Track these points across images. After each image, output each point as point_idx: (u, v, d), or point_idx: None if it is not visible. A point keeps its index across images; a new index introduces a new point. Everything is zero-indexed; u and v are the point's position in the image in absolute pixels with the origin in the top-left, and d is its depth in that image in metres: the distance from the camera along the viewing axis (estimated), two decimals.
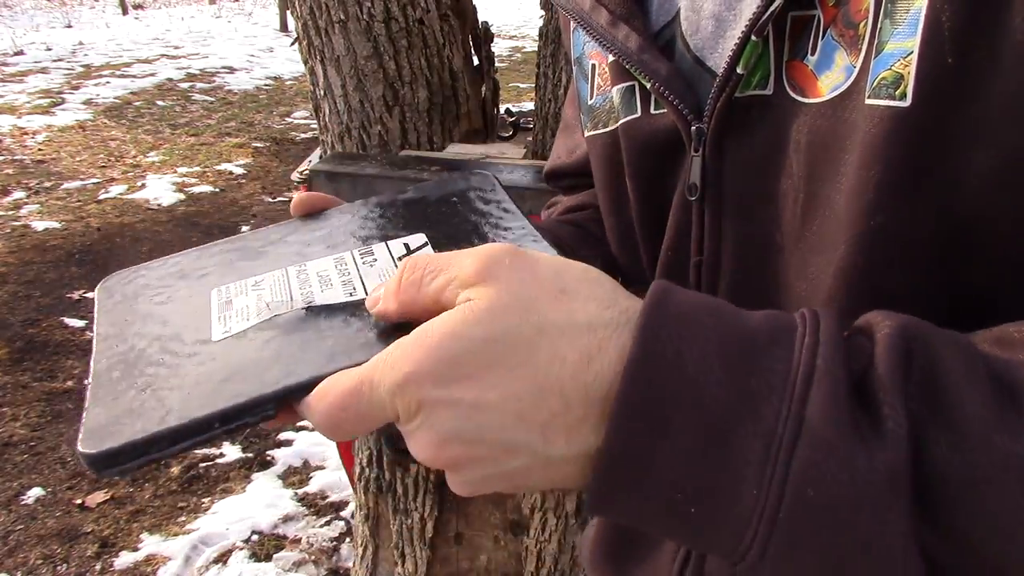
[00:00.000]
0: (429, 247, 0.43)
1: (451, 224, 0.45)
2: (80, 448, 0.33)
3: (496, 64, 1.57)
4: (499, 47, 8.18)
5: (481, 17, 1.51)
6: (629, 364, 0.29)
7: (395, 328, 0.35)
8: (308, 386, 0.34)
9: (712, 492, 0.29)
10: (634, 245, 0.55)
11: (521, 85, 7.36)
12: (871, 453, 0.28)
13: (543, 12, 1.32)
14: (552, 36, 1.30)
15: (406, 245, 0.43)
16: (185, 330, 0.40)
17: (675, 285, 0.32)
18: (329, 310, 0.38)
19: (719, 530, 0.30)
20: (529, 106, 1.90)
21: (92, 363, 0.39)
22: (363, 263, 0.42)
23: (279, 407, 0.34)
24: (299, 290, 0.41)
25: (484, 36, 1.50)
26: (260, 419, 0.34)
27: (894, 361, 0.29)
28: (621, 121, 0.51)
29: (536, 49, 1.37)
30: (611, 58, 0.50)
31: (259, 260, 0.44)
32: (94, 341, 0.41)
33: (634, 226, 0.54)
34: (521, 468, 0.32)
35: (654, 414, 0.29)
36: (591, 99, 0.55)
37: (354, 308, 0.38)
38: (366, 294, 0.39)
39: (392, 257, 0.42)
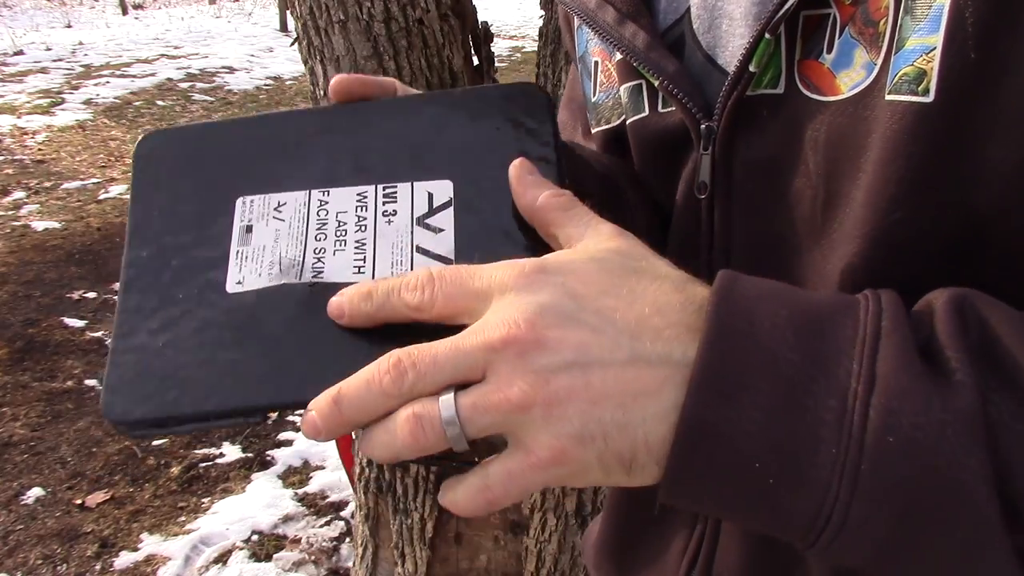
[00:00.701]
0: (451, 209, 0.41)
1: (483, 166, 0.42)
2: (104, 409, 0.37)
3: (496, 64, 1.57)
4: (499, 47, 8.18)
5: (481, 17, 1.51)
6: (704, 340, 0.30)
7: (404, 331, 0.35)
8: (300, 404, 0.35)
9: (791, 456, 0.29)
10: (656, 228, 0.55)
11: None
12: (945, 398, 0.28)
13: (543, 12, 1.32)
14: (552, 36, 1.30)
15: (429, 197, 0.42)
16: (206, 256, 0.41)
17: (740, 273, 0.34)
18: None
19: (797, 499, 0.30)
20: None
21: (124, 261, 0.42)
22: (382, 214, 0.41)
23: (271, 412, 0.37)
24: (313, 244, 0.41)
25: (484, 36, 1.50)
26: (260, 420, 0.37)
27: (954, 324, 0.31)
28: (630, 120, 0.51)
29: (536, 49, 1.37)
30: (618, 56, 0.50)
31: (289, 164, 0.44)
32: (128, 226, 0.43)
33: (655, 210, 0.54)
34: (604, 359, 0.31)
35: (730, 384, 0.30)
36: (594, 96, 0.55)
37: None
38: (373, 274, 0.39)
39: (411, 217, 0.41)
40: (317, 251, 0.41)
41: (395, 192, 0.42)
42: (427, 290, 0.34)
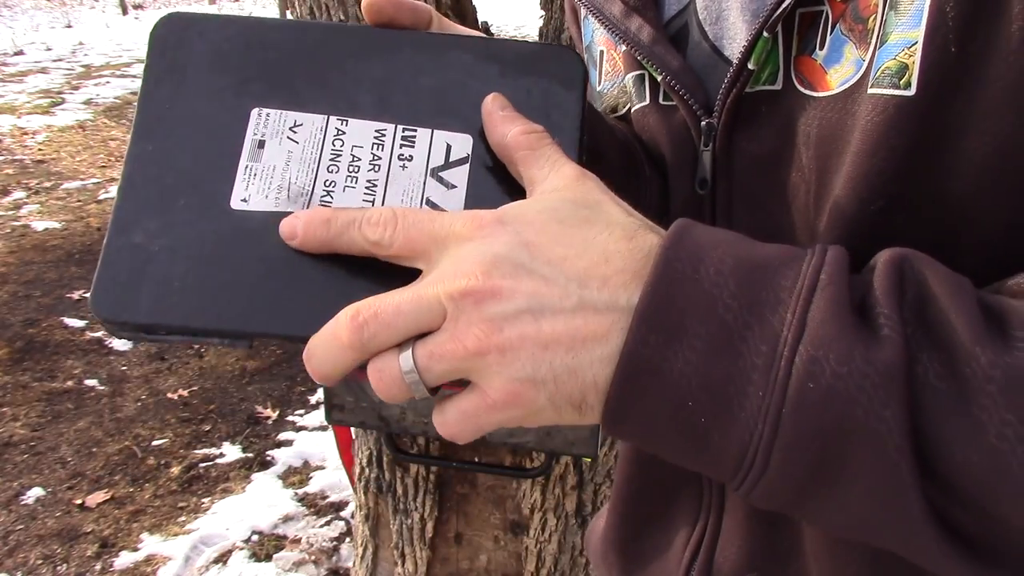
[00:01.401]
0: (467, 166, 0.41)
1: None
2: (92, 304, 0.37)
3: None
4: None
5: (481, 17, 1.51)
6: (650, 280, 0.32)
7: (400, 272, 0.36)
8: (302, 339, 0.36)
9: (722, 397, 0.31)
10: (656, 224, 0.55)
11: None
12: (868, 351, 0.29)
13: (543, 12, 1.32)
14: (552, 36, 1.30)
15: (448, 149, 0.41)
16: (212, 164, 0.40)
17: (697, 222, 0.35)
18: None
19: (726, 440, 0.31)
20: None
21: (128, 153, 0.41)
22: (398, 157, 0.40)
23: (256, 339, 0.37)
24: (324, 175, 0.40)
25: None
26: (244, 345, 0.38)
27: (890, 281, 0.31)
28: (634, 108, 0.52)
29: None
30: (623, 48, 0.50)
31: (310, 81, 0.42)
32: (136, 114, 0.41)
33: (653, 207, 0.55)
34: (554, 306, 0.32)
35: (669, 325, 0.31)
36: (599, 85, 0.56)
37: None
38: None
39: (427, 166, 0.40)
40: (327, 183, 0.40)
41: (414, 136, 0.41)
42: (389, 228, 0.35)
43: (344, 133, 0.41)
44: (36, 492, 2.33)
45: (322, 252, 0.37)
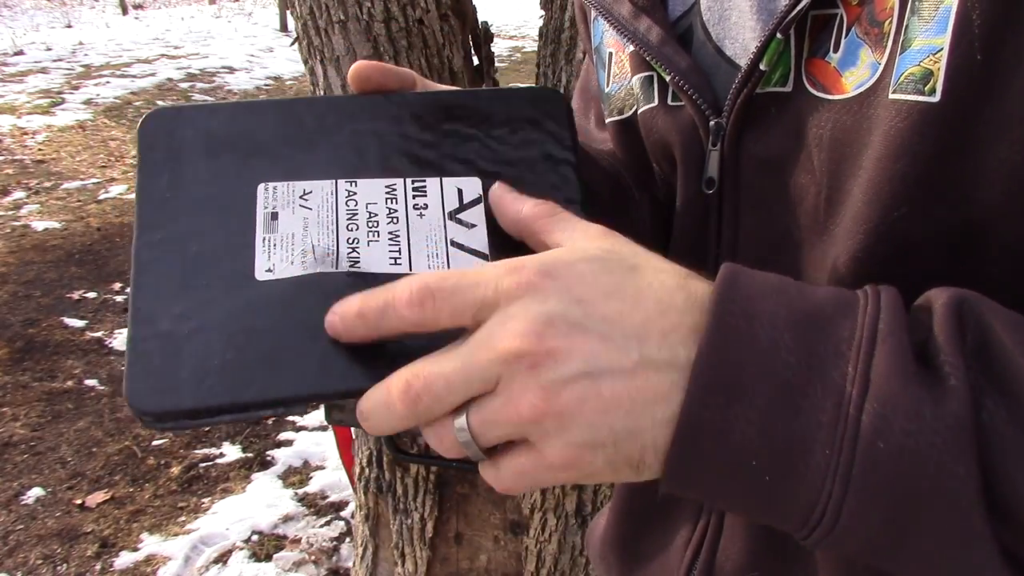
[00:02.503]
0: (482, 205, 0.41)
1: (509, 166, 0.43)
2: (126, 396, 0.35)
3: (496, 64, 1.57)
4: (499, 47, 8.18)
5: (481, 17, 1.51)
6: (704, 338, 0.31)
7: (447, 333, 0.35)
8: (344, 394, 0.35)
9: (786, 456, 0.30)
10: (662, 225, 0.55)
11: (521, 85, 7.35)
12: (936, 405, 0.29)
13: (543, 12, 1.32)
14: (552, 36, 1.30)
15: (459, 193, 0.41)
16: (228, 242, 0.39)
17: (741, 266, 0.34)
18: (374, 282, 0.37)
19: (793, 497, 0.31)
20: None
21: (134, 249, 0.39)
22: (413, 207, 0.41)
23: (314, 402, 0.36)
24: (346, 231, 0.39)
25: (484, 36, 1.50)
26: (298, 411, 0.36)
27: (951, 327, 0.31)
28: (640, 110, 0.52)
29: (536, 49, 1.37)
30: (631, 48, 0.50)
31: (311, 152, 0.42)
32: (136, 209, 0.40)
33: (658, 206, 0.55)
34: (613, 367, 0.31)
35: (728, 385, 0.30)
36: (607, 87, 0.56)
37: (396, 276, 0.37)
38: (410, 267, 0.39)
39: (443, 211, 0.41)
40: (351, 241, 0.39)
41: (424, 187, 0.42)
42: (427, 306, 0.33)
43: (355, 193, 0.41)
44: (36, 492, 2.33)
45: (371, 341, 0.36)
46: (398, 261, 0.39)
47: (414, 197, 0.41)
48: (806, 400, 0.30)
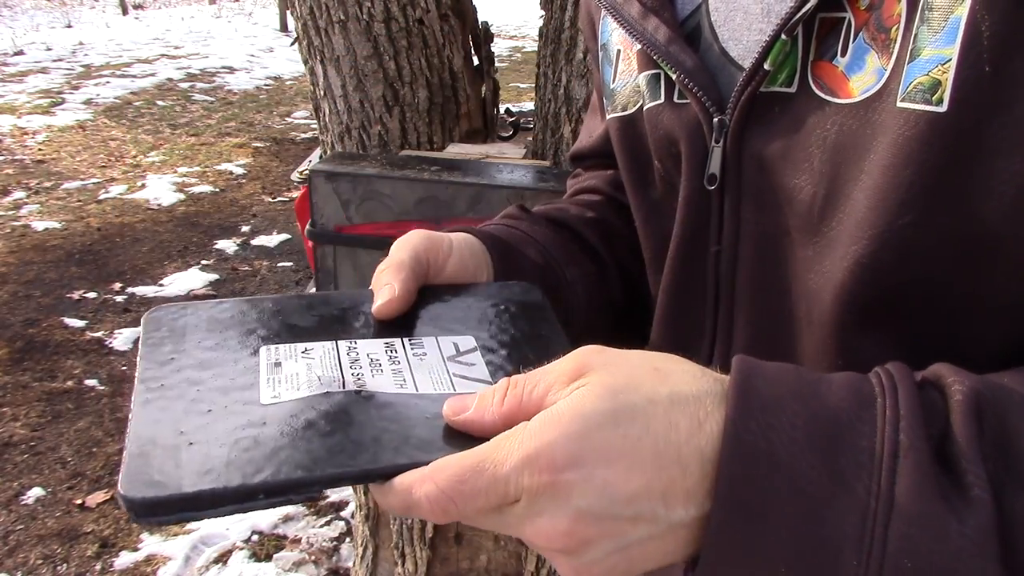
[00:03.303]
0: (479, 352, 0.43)
1: (497, 329, 0.46)
2: (121, 491, 0.33)
3: (496, 64, 1.57)
4: (499, 47, 8.18)
5: (481, 17, 1.51)
6: (722, 458, 0.31)
7: (453, 434, 0.36)
8: (359, 476, 0.35)
9: (814, 565, 0.31)
10: (658, 223, 0.56)
11: (521, 85, 7.36)
12: (961, 520, 0.30)
13: (543, 12, 1.32)
14: (552, 36, 1.30)
15: (455, 345, 0.44)
16: (232, 383, 0.39)
17: (755, 362, 0.34)
18: (380, 400, 0.39)
19: None
20: (529, 106, 1.90)
21: (134, 397, 0.38)
22: (413, 354, 0.43)
23: (326, 488, 0.35)
24: (349, 369, 0.40)
25: (484, 36, 1.50)
26: (304, 498, 0.34)
27: (971, 428, 0.31)
28: (646, 107, 0.52)
29: (536, 49, 1.37)
30: (638, 47, 0.51)
31: (310, 326, 0.44)
32: (138, 372, 0.40)
33: (657, 206, 0.55)
34: (643, 538, 0.33)
35: (753, 501, 0.31)
36: (613, 83, 0.57)
37: (404, 403, 0.38)
38: (416, 389, 0.39)
39: (442, 356, 0.43)
40: (356, 375, 0.40)
41: (421, 343, 0.44)
42: (451, 512, 0.34)
43: (355, 348, 0.42)
44: (36, 492, 2.33)
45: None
46: (404, 386, 0.40)
47: (412, 349, 0.43)
48: (831, 511, 0.31)
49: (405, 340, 0.44)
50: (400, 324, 0.45)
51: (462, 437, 0.36)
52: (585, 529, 0.32)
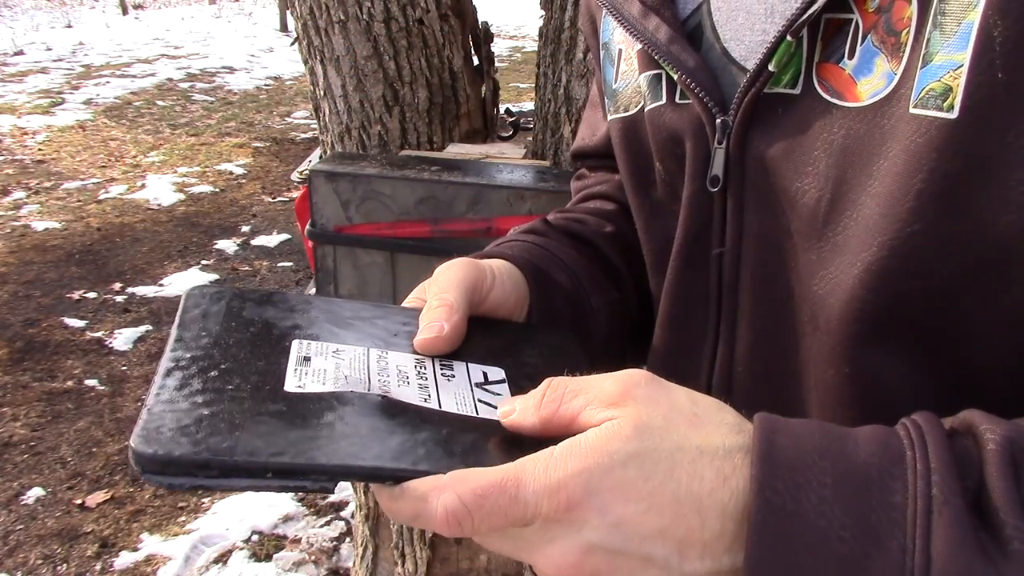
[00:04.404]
0: (507, 384, 0.43)
1: (529, 369, 0.46)
2: (133, 444, 0.32)
3: (496, 64, 1.57)
4: (499, 47, 8.17)
5: (481, 17, 1.51)
6: (752, 521, 0.30)
7: (471, 448, 0.37)
8: (371, 473, 0.34)
9: None
10: (660, 225, 0.55)
11: (521, 85, 7.36)
12: (1000, 573, 0.29)
13: (543, 12, 1.32)
14: (552, 36, 1.30)
15: (485, 374, 0.44)
16: (258, 368, 0.39)
17: (777, 419, 0.33)
18: (402, 408, 0.38)
19: None
20: (529, 106, 1.90)
21: (162, 361, 0.39)
22: (441, 374, 0.42)
23: (336, 482, 0.34)
24: (377, 376, 0.41)
25: (484, 36, 1.50)
26: (317, 487, 0.34)
27: (1008, 480, 0.30)
28: (648, 108, 0.52)
29: (536, 49, 1.37)
30: (639, 46, 0.50)
31: (345, 330, 0.44)
32: (169, 340, 0.40)
33: (658, 208, 0.55)
34: None
35: (784, 564, 0.30)
36: (615, 83, 0.56)
37: (426, 415, 0.38)
38: (439, 406, 0.39)
39: (470, 381, 0.42)
40: (382, 381, 0.40)
41: (451, 365, 0.43)
42: (466, 525, 0.33)
43: (385, 357, 0.42)
44: (36, 492, 2.33)
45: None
46: (427, 400, 0.40)
47: (442, 369, 0.43)
48: (866, 572, 0.30)
49: (436, 360, 0.43)
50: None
51: (479, 455, 0.36)
52: (595, 563, 0.32)
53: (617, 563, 0.32)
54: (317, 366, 0.40)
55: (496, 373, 0.44)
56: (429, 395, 0.40)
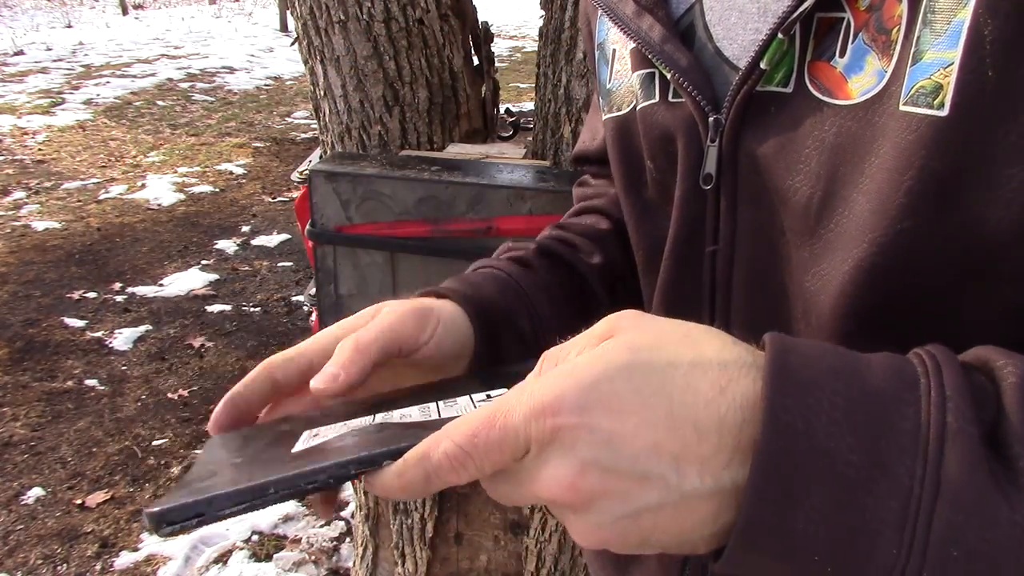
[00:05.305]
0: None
1: None
2: (144, 512, 0.35)
3: (496, 64, 1.57)
4: (499, 47, 8.18)
5: (481, 17, 1.51)
6: (762, 437, 0.30)
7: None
8: (369, 460, 0.35)
9: (849, 553, 0.30)
10: (651, 225, 0.55)
11: (521, 85, 7.36)
12: (1013, 507, 0.28)
13: (543, 12, 1.32)
14: (552, 36, 1.30)
15: (488, 395, 0.44)
16: (268, 446, 0.42)
17: (789, 339, 0.32)
18: (405, 425, 0.40)
19: None
20: (529, 106, 1.90)
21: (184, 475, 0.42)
22: (444, 404, 0.43)
23: (334, 480, 0.35)
24: (380, 416, 0.42)
25: (484, 36, 1.50)
26: (318, 487, 0.35)
27: None
28: (640, 106, 0.52)
29: (536, 49, 1.37)
30: (632, 45, 0.51)
31: (351, 419, 0.46)
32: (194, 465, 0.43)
33: (650, 207, 0.55)
34: (653, 505, 0.31)
35: (789, 485, 0.30)
36: (609, 83, 0.57)
37: (429, 424, 0.39)
38: (439, 416, 0.40)
39: (472, 400, 0.43)
40: (384, 417, 0.42)
41: (456, 401, 0.43)
42: (469, 467, 0.33)
43: (391, 415, 0.43)
44: (36, 492, 2.33)
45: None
46: (428, 413, 0.41)
47: (445, 404, 0.43)
48: (869, 497, 0.29)
49: (439, 402, 0.44)
50: (436, 391, 0.46)
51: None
52: (589, 482, 0.31)
53: (612, 484, 0.31)
54: (324, 433, 0.41)
55: (500, 392, 0.44)
56: (430, 411, 0.41)
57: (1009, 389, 0.30)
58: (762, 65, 0.42)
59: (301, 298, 3.53)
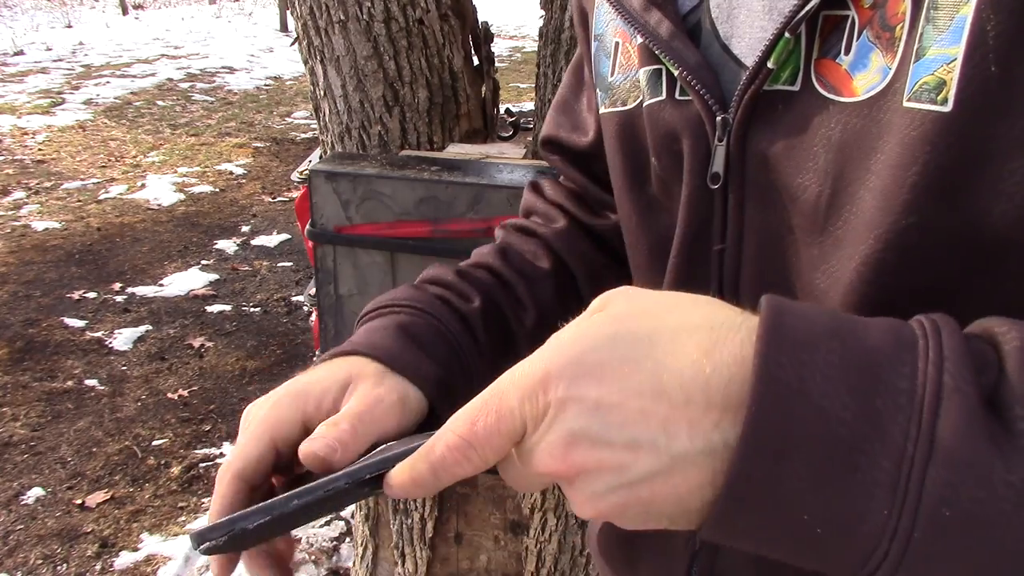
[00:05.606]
0: None
1: None
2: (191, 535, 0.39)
3: (496, 64, 1.57)
4: (499, 47, 8.18)
5: (481, 17, 1.51)
6: (753, 390, 0.29)
7: None
8: (378, 465, 0.38)
9: (840, 513, 0.29)
10: (654, 223, 0.55)
11: (521, 85, 7.36)
12: (1009, 468, 0.28)
13: (543, 12, 1.32)
14: (552, 36, 1.30)
15: None
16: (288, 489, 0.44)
17: (786, 300, 0.32)
18: (407, 441, 0.42)
19: (846, 549, 0.30)
20: (529, 106, 1.90)
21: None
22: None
23: (357, 491, 0.38)
24: (380, 448, 0.44)
25: (484, 36, 1.50)
26: (339, 494, 0.38)
27: None
28: (646, 103, 0.52)
29: (536, 49, 1.37)
30: (640, 40, 0.50)
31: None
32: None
33: (654, 204, 0.55)
34: (646, 474, 0.31)
35: (780, 440, 0.29)
36: (611, 76, 0.56)
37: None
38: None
39: None
40: (384, 448, 0.44)
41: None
42: (474, 458, 0.34)
43: (391, 445, 0.45)
44: (36, 492, 2.33)
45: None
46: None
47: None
48: (863, 457, 0.29)
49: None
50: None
51: None
52: (581, 454, 0.31)
53: (604, 453, 0.31)
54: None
55: None
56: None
57: (1013, 352, 0.30)
58: (769, 64, 0.42)
59: (301, 298, 3.53)
